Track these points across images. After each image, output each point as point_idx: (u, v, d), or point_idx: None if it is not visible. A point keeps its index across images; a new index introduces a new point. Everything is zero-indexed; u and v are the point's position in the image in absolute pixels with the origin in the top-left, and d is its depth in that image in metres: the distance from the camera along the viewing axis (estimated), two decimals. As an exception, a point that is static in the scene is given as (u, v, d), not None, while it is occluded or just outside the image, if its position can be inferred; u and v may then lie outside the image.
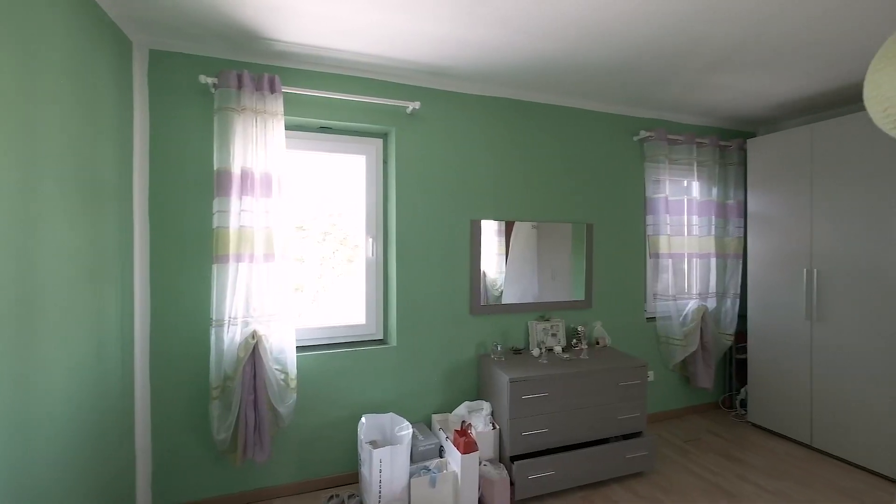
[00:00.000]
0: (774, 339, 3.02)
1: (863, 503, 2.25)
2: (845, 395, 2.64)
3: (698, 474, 2.53)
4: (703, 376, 3.19)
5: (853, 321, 2.60)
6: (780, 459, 2.70)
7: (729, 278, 3.36)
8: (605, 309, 3.07)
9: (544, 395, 2.31)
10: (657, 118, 3.24)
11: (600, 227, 3.07)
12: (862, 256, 2.55)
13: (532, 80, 2.60)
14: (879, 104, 1.00)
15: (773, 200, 3.04)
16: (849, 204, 2.61)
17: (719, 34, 2.03)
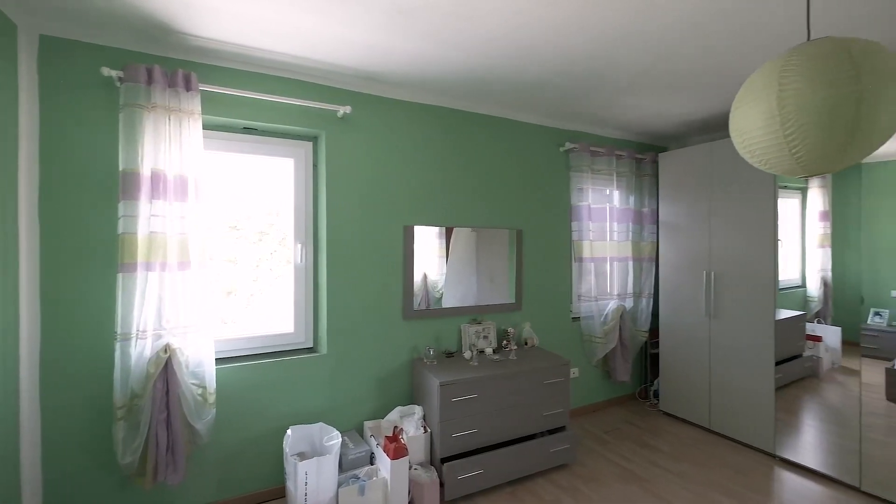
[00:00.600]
0: (681, 334, 3.36)
1: (747, 476, 2.57)
2: (734, 382, 2.99)
3: (615, 462, 2.74)
4: (622, 370, 3.46)
5: (738, 317, 2.96)
6: (684, 443, 3.00)
7: (644, 280, 3.67)
8: (534, 311, 3.22)
9: (474, 397, 2.38)
10: (581, 131, 3.46)
11: (530, 232, 3.22)
12: (743, 260, 2.91)
13: (465, 91, 2.67)
14: (739, 137, 1.17)
15: (679, 209, 3.37)
16: (735, 213, 2.97)
17: (628, 61, 2.22)
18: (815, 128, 1.01)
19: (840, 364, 2.78)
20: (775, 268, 2.81)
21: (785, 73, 1.05)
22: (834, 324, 2.83)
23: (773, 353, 2.83)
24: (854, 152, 1.03)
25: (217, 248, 2.37)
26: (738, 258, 2.97)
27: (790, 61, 1.05)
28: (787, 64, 1.06)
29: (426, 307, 2.80)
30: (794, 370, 2.95)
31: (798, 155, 1.07)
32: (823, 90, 0.99)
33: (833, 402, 2.69)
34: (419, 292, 2.80)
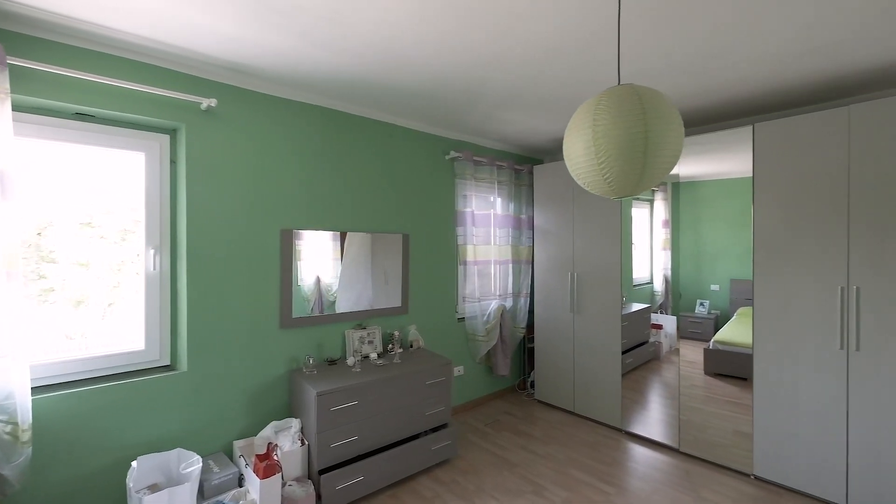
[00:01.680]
0: (552, 329, 3.74)
1: (599, 451, 2.96)
2: (592, 369, 3.43)
3: (492, 452, 2.94)
4: (502, 365, 3.73)
5: (594, 312, 3.40)
6: (552, 427, 3.34)
7: (523, 281, 4.00)
8: (420, 313, 3.31)
9: (354, 404, 2.36)
10: (465, 140, 3.65)
11: (417, 237, 3.29)
12: (598, 262, 3.36)
13: (348, 93, 2.63)
14: (568, 161, 1.35)
15: (550, 217, 3.75)
16: (592, 222, 3.41)
17: (500, 80, 2.40)
18: (619, 158, 1.22)
19: (675, 347, 3.36)
20: (621, 269, 3.28)
21: (598, 111, 1.24)
22: (673, 314, 3.41)
23: (620, 342, 3.30)
24: (647, 180, 1.25)
25: (63, 249, 2.00)
26: (594, 261, 3.41)
27: (601, 101, 1.25)
28: (599, 103, 1.25)
29: (319, 311, 2.74)
30: (641, 355, 3.48)
31: (609, 180, 1.27)
32: (623, 127, 1.19)
33: (668, 379, 3.24)
34: (311, 296, 2.71)
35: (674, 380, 3.17)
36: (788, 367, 2.46)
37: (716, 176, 2.81)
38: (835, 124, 2.29)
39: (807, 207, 2.38)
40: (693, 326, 3.36)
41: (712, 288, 3.03)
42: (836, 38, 1.92)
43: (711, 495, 2.43)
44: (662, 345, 3.34)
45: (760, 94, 2.60)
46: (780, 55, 2.08)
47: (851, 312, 2.23)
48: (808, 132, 2.38)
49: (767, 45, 1.98)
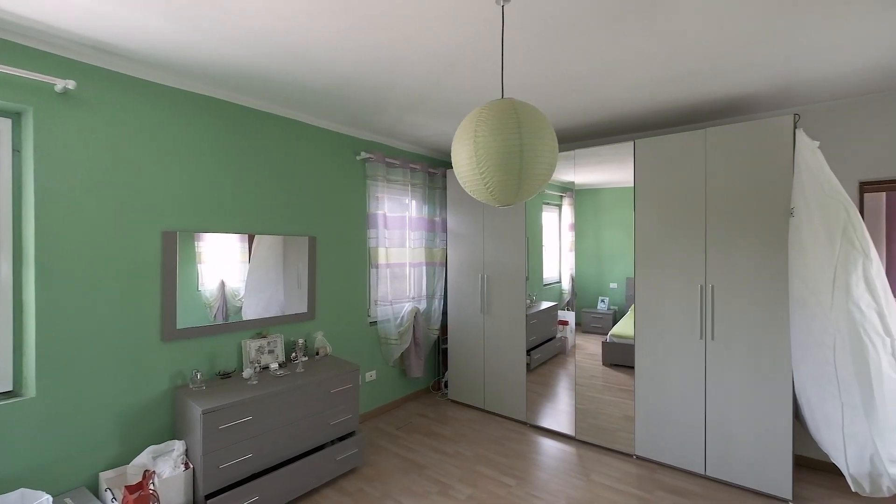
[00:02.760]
0: (464, 329, 3.83)
1: (505, 446, 3.09)
2: (499, 366, 3.58)
3: (401, 455, 2.93)
4: (416, 367, 3.74)
5: (502, 312, 3.56)
6: (463, 426, 3.43)
7: (437, 283, 4.05)
8: (328, 318, 3.19)
9: (248, 420, 2.20)
10: (377, 141, 3.60)
11: (325, 239, 3.17)
12: (505, 264, 3.52)
13: (245, 85, 2.44)
14: (456, 169, 1.38)
15: (462, 220, 3.84)
16: (500, 225, 3.56)
17: (405, 84, 2.40)
18: (498, 169, 1.27)
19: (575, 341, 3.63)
20: (529, 270, 3.46)
21: (479, 124, 1.29)
22: (572, 310, 3.67)
23: (524, 340, 3.48)
24: (525, 189, 1.33)
25: None
26: (502, 263, 3.56)
27: (482, 115, 1.30)
28: (480, 116, 1.30)
29: (223, 318, 2.56)
30: (549, 350, 3.70)
31: (490, 189, 1.32)
32: (500, 140, 1.25)
33: (572, 372, 3.48)
34: (214, 302, 2.51)
35: (577, 373, 3.42)
36: (662, 356, 2.77)
37: (614, 184, 3.07)
38: (695, 144, 2.63)
39: (675, 215, 2.71)
40: (595, 321, 3.65)
41: (611, 286, 3.32)
42: (691, 69, 2.20)
43: (599, 477, 2.66)
44: (568, 340, 3.58)
45: (641, 113, 2.91)
46: (652, 81, 2.34)
47: (708, 307, 2.59)
48: (675, 149, 2.71)
49: (641, 71, 2.21)
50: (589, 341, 3.48)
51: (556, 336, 3.72)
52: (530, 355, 3.72)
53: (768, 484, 2.40)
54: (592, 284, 3.55)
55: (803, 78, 2.31)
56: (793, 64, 2.13)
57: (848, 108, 2.63)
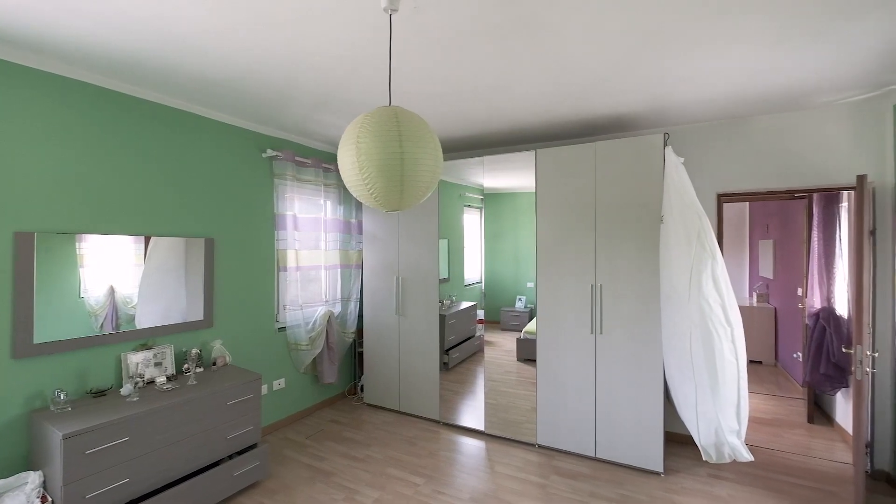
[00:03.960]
0: (379, 331, 3.81)
1: (417, 445, 3.13)
2: (414, 367, 3.62)
3: (309, 465, 2.84)
4: (329, 373, 3.65)
5: (417, 313, 3.60)
6: (376, 428, 3.41)
7: (352, 285, 3.98)
8: (229, 325, 3.00)
9: (123, 442, 1.99)
10: (286, 139, 3.45)
11: (226, 241, 2.97)
12: (419, 266, 3.57)
13: (128, 72, 2.21)
14: (342, 173, 1.38)
15: (377, 222, 3.82)
16: (414, 227, 3.60)
17: (310, 82, 2.33)
18: (380, 176, 1.29)
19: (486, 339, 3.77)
20: (438, 271, 3.53)
21: (361, 131, 1.30)
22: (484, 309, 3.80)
23: (438, 340, 3.55)
24: (409, 196, 1.36)
25: None
26: (416, 264, 3.60)
27: (364, 122, 1.31)
28: (363, 123, 1.31)
29: (112, 327, 2.35)
30: (468, 348, 3.81)
31: (374, 195, 1.34)
32: (381, 148, 1.27)
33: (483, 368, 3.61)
34: (101, 311, 2.29)
35: (491, 371, 3.56)
36: (560, 351, 3.00)
37: (530, 189, 3.23)
38: (586, 156, 2.89)
39: (570, 220, 2.95)
40: (513, 319, 3.83)
41: (528, 285, 3.50)
42: (578, 88, 2.41)
43: (503, 468, 2.80)
44: (484, 337, 3.71)
45: (541, 125, 3.12)
46: (545, 97, 2.52)
47: (597, 304, 2.85)
48: (570, 160, 2.95)
49: (534, 87, 2.38)
50: (507, 338, 3.65)
51: (476, 335, 3.85)
52: (449, 354, 3.81)
53: (644, 460, 2.71)
54: (511, 284, 3.73)
55: (673, 101, 2.64)
56: (663, 89, 2.43)
57: (709, 130, 3.06)
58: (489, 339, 3.70)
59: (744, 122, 2.95)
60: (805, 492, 2.51)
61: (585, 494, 2.49)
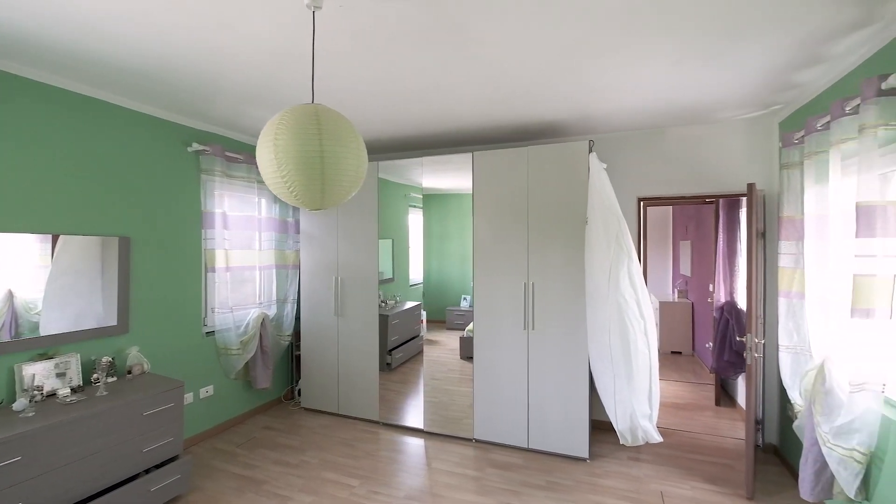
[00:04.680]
0: (317, 333, 3.72)
1: (355, 448, 3.10)
2: (353, 368, 3.58)
3: (238, 474, 2.72)
4: (263, 378, 3.50)
5: (356, 313, 3.56)
6: (313, 433, 3.33)
7: (289, 286, 3.85)
8: (148, 331, 2.79)
9: (15, 462, 1.79)
10: (215, 133, 3.28)
11: (145, 240, 2.76)
12: (358, 265, 3.54)
13: (23, 53, 1.99)
14: (260, 169, 1.34)
15: (315, 221, 3.73)
16: (353, 226, 3.56)
17: (237, 74, 2.23)
18: (299, 174, 1.28)
19: (426, 338, 3.80)
20: (377, 271, 3.51)
21: (279, 128, 1.28)
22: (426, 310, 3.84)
23: (377, 340, 3.53)
24: (332, 195, 1.36)
25: None
26: (355, 264, 3.56)
27: (283, 118, 1.29)
28: (281, 120, 1.29)
29: (10, 335, 2.14)
30: (412, 348, 3.81)
31: (294, 193, 1.32)
32: (299, 145, 1.26)
33: (431, 368, 3.64)
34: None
35: (434, 370, 3.60)
36: (495, 347, 3.10)
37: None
38: (520, 159, 3.01)
39: (506, 221, 3.06)
40: (458, 318, 3.88)
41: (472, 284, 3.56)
42: (508, 94, 2.51)
43: (440, 464, 2.85)
44: (428, 337, 3.74)
45: (478, 128, 3.21)
46: (479, 100, 2.60)
47: (529, 302, 2.98)
48: (505, 163, 3.06)
49: (467, 91, 2.44)
50: (452, 337, 3.70)
51: (420, 335, 3.87)
52: (392, 355, 3.80)
53: (572, 447, 2.87)
54: (457, 283, 3.79)
55: (596, 111, 2.82)
56: (585, 100, 2.59)
57: (631, 138, 3.30)
58: (435, 339, 3.74)
59: (660, 132, 3.23)
60: (709, 467, 2.78)
61: (517, 484, 2.60)
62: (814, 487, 1.97)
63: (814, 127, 2.13)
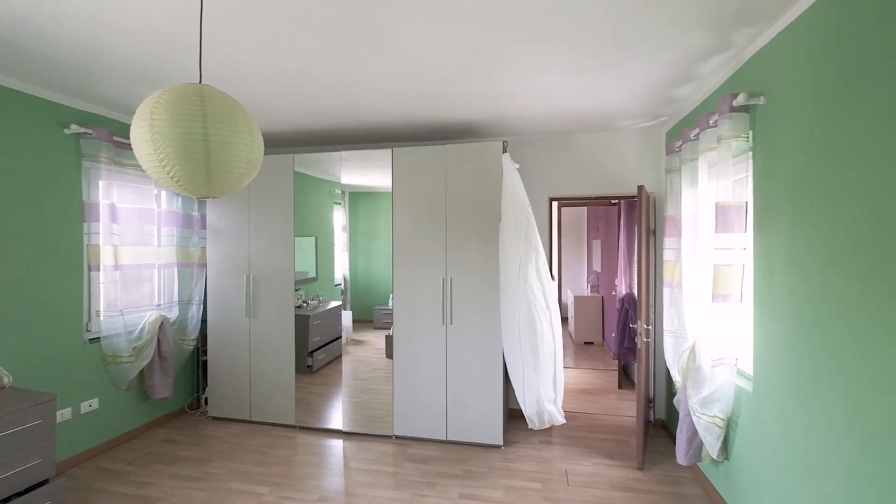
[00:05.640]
0: (226, 336, 3.47)
1: (267, 455, 2.94)
2: (267, 372, 3.40)
3: (127, 494, 2.45)
4: (161, 387, 3.19)
5: (270, 314, 3.38)
6: (221, 443, 3.10)
7: (194, 286, 3.55)
8: (11, 339, 2.41)
9: None
10: (101, 114, 2.92)
11: (2, 234, 2.38)
12: (273, 264, 3.36)
13: None
14: (135, 151, 1.22)
15: (225, 215, 3.47)
16: (268, 223, 3.37)
17: (127, 51, 2.01)
18: (179, 158, 1.18)
19: (352, 338, 3.71)
20: (293, 269, 3.37)
21: (156, 107, 1.17)
22: (353, 310, 3.75)
23: (294, 341, 3.38)
24: (220, 183, 1.27)
25: None
26: (269, 261, 3.38)
27: (161, 98, 1.19)
28: (159, 99, 1.18)
29: None
30: (335, 349, 3.68)
31: (175, 179, 1.22)
32: (180, 127, 1.16)
33: (355, 368, 3.54)
34: None
35: (359, 369, 3.51)
36: (415, 342, 3.12)
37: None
38: (438, 157, 3.06)
39: (424, 217, 3.09)
40: (386, 318, 3.82)
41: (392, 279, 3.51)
42: (424, 91, 2.55)
43: (357, 463, 2.81)
44: (342, 338, 3.63)
45: (398, 125, 3.20)
46: (395, 96, 2.60)
47: (447, 297, 3.04)
48: (425, 160, 3.09)
49: (382, 86, 2.43)
50: (379, 337, 3.64)
51: (342, 336, 3.76)
52: (313, 356, 3.65)
53: (488, 436, 2.98)
54: (384, 282, 3.73)
55: (509, 113, 2.96)
56: (497, 102, 2.71)
57: (543, 141, 3.51)
58: (362, 339, 3.67)
59: (569, 136, 3.47)
60: (609, 444, 3.05)
61: (433, 475, 2.64)
62: (687, 452, 2.24)
63: (688, 137, 2.42)
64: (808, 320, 1.58)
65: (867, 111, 1.30)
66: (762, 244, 1.89)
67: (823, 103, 1.50)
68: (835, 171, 1.44)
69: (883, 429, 1.24)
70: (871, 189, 1.29)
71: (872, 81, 1.28)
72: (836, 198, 1.43)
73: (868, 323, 1.29)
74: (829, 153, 1.47)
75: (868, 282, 1.30)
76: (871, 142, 1.29)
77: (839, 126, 1.42)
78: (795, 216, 1.65)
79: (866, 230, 1.30)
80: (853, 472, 1.37)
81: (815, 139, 1.54)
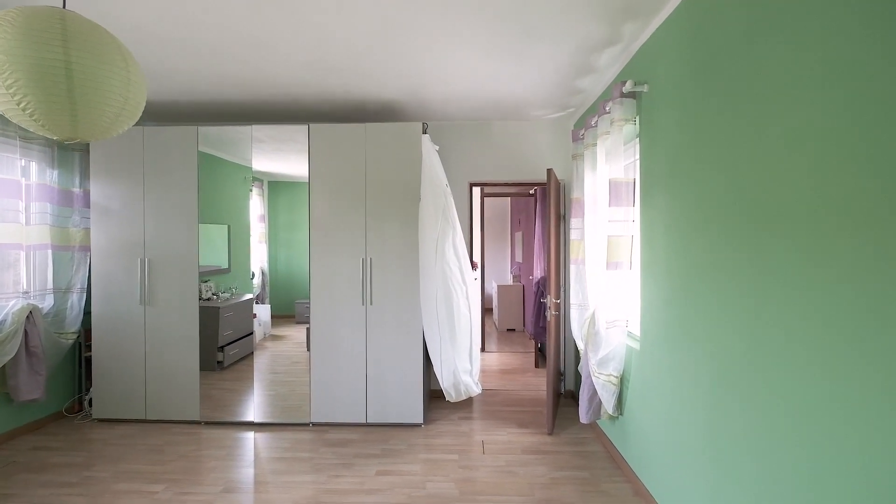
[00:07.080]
0: (116, 328, 3.09)
1: (163, 453, 2.67)
2: (168, 367, 3.08)
3: (-19, 509, 2.08)
4: (30, 387, 2.76)
5: (171, 303, 3.08)
6: (107, 445, 2.75)
7: (74, 272, 3.12)
8: None
9: None
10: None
11: None
12: (173, 247, 3.07)
13: None
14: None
15: (114, 192, 3.09)
16: (167, 202, 3.07)
17: None
18: (33, 86, 1.03)
19: (270, 333, 3.50)
20: (197, 254, 3.09)
21: (2, 23, 1.01)
22: (271, 303, 3.53)
23: (197, 331, 3.11)
24: (88, 122, 1.14)
25: None
26: (169, 246, 3.07)
27: (10, 14, 1.03)
28: (6, 15, 1.03)
29: None
30: (249, 344, 3.42)
31: (31, 113, 1.07)
32: (32, 49, 1.02)
33: (271, 362, 3.33)
34: None
35: (277, 363, 3.31)
36: (334, 326, 3.03)
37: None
38: (358, 136, 3.01)
39: (343, 197, 3.02)
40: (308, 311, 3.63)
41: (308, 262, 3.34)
42: (336, 62, 2.49)
43: (269, 452, 2.66)
44: (256, 333, 3.40)
45: (314, 102, 3.10)
46: (311, 64, 2.50)
47: (367, 277, 3.00)
48: (343, 139, 3.02)
49: (296, 50, 2.33)
50: (300, 331, 3.45)
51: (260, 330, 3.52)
52: (225, 351, 3.38)
53: (409, 415, 2.99)
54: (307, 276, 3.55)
55: (428, 95, 3.00)
56: (414, 79, 2.73)
57: (463, 127, 3.61)
58: (281, 334, 3.48)
59: (488, 124, 3.60)
60: (523, 416, 3.22)
61: (351, 457, 2.59)
62: (588, 411, 2.45)
63: (590, 124, 2.65)
64: (678, 279, 1.81)
65: (716, 98, 1.53)
66: (646, 215, 2.12)
67: (686, 90, 1.73)
68: (693, 149, 1.67)
69: (735, 362, 1.46)
70: (720, 165, 1.51)
71: (720, 73, 1.50)
72: (695, 173, 1.66)
73: (722, 277, 1.52)
74: (689, 135, 1.70)
75: (720, 244, 1.52)
76: (719, 124, 1.51)
77: (696, 110, 1.65)
78: (669, 190, 1.88)
79: (717, 200, 1.53)
80: (712, 399, 1.59)
81: (680, 123, 1.77)
